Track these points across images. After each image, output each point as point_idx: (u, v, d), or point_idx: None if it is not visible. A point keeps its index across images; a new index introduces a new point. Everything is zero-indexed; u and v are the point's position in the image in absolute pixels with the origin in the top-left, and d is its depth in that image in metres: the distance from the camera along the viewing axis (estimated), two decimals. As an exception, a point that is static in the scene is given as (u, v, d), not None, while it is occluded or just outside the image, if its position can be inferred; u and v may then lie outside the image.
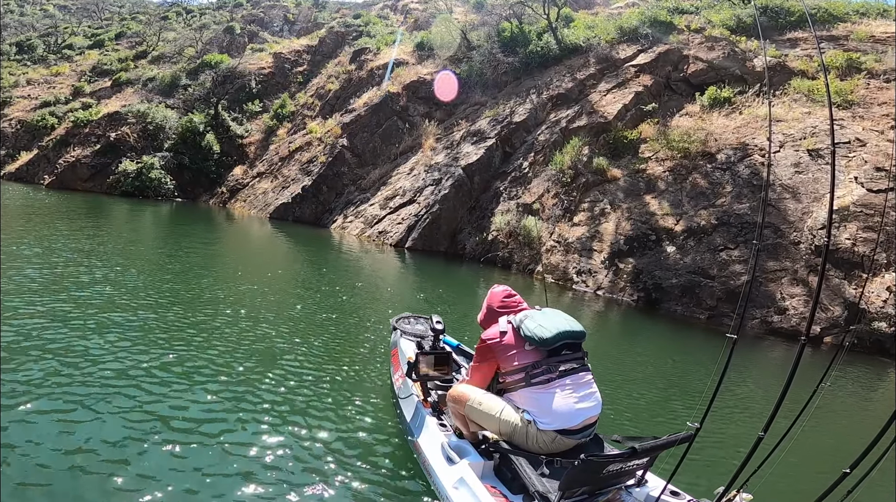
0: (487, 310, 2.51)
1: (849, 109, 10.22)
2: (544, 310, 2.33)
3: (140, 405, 2.83)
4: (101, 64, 24.47)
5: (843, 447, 3.72)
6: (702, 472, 2.90)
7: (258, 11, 30.79)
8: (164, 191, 15.54)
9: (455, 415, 2.43)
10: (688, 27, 14.77)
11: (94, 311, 4.24)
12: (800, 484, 2.87)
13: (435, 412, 2.66)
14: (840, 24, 13.73)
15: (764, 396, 4.75)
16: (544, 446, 2.14)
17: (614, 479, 2.01)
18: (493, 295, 2.53)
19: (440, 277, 9.22)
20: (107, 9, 39.68)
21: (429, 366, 2.76)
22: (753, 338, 7.29)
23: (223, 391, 3.15)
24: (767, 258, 8.10)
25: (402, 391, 2.96)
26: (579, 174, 11.06)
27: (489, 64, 15.88)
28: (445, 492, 2.13)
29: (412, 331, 3.44)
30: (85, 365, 3.20)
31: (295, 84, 20.51)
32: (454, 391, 2.40)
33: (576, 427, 2.14)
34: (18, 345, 3.32)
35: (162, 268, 6.53)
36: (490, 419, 2.23)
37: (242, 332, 4.27)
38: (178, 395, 3.01)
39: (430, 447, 2.42)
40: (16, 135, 18.87)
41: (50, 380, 2.91)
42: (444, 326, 3.15)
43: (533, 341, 2.18)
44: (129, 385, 3.03)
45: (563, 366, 2.19)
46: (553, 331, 2.18)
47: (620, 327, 7.35)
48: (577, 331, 2.25)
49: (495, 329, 2.32)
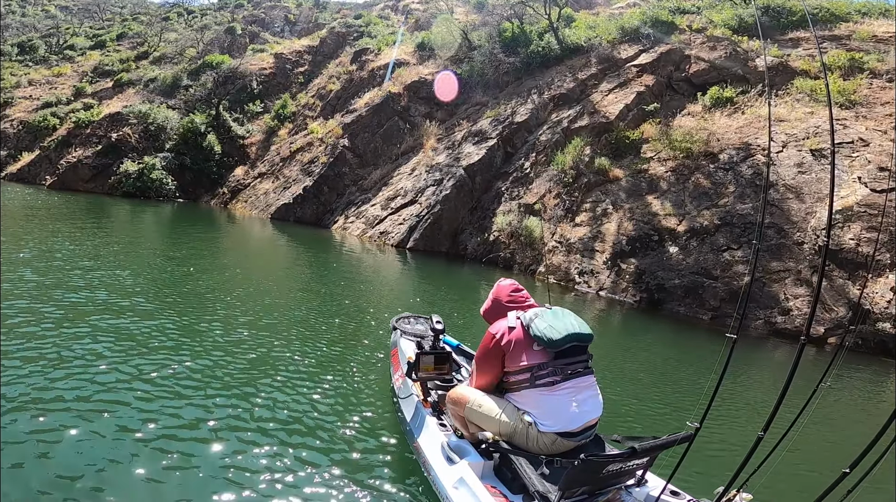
0: (494, 303, 2.48)
1: (852, 109, 10.18)
2: (554, 310, 2.31)
3: (139, 405, 2.81)
4: (103, 64, 24.51)
5: (843, 447, 3.72)
6: (702, 472, 2.90)
7: (259, 12, 30.82)
8: (165, 191, 15.54)
9: (454, 417, 2.43)
10: (689, 27, 14.74)
11: (92, 314, 4.22)
12: (799, 484, 2.88)
13: (435, 412, 2.66)
14: (842, 23, 13.69)
15: (764, 396, 4.73)
16: (544, 447, 2.14)
17: (614, 479, 2.01)
18: (501, 288, 2.50)
19: (442, 278, 9.21)
20: (108, 9, 39.74)
21: (429, 365, 2.75)
22: (757, 338, 7.26)
23: (223, 391, 3.14)
24: (771, 259, 8.07)
25: (401, 391, 2.95)
26: (581, 174, 11.04)
27: (490, 64, 15.86)
28: (445, 492, 2.12)
29: (412, 331, 3.44)
30: (80, 369, 3.18)
31: (296, 84, 20.52)
32: (453, 393, 2.40)
33: (577, 429, 2.14)
34: (14, 351, 3.30)
35: (162, 270, 6.52)
36: (490, 421, 2.23)
37: (243, 334, 4.26)
38: (178, 395, 2.99)
39: (430, 447, 2.42)
40: (17, 136, 18.89)
41: (46, 386, 2.88)
42: (444, 326, 3.14)
43: (542, 341, 2.16)
44: (128, 387, 3.01)
45: (569, 368, 2.17)
46: (563, 333, 2.15)
47: (622, 327, 7.33)
48: (586, 333, 2.23)
49: (503, 323, 2.29)
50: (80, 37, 30.49)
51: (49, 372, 3.04)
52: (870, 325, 7.02)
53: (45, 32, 31.58)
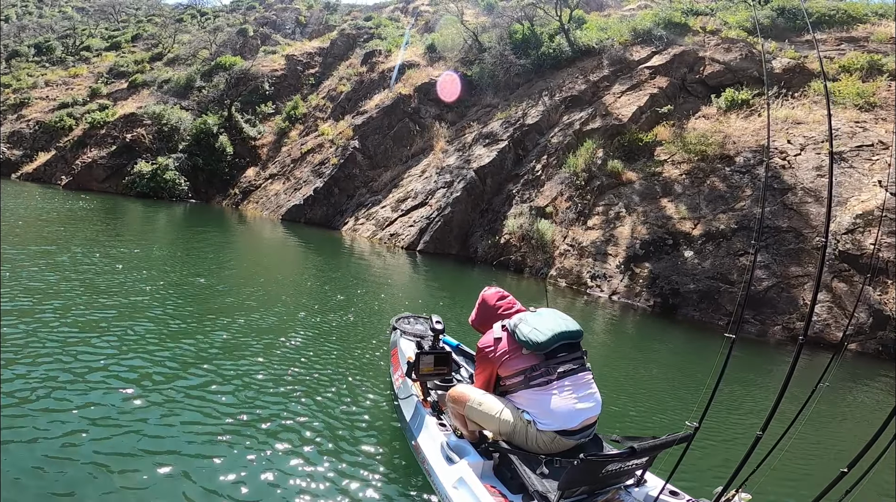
0: (480, 313, 2.50)
1: (871, 111, 10.00)
2: (539, 311, 2.31)
3: (139, 403, 2.82)
4: (118, 65, 24.83)
5: (841, 446, 3.68)
6: (701, 472, 2.89)
7: (270, 14, 31.08)
8: (178, 192, 15.69)
9: (455, 416, 2.43)
10: (703, 29, 14.59)
11: (109, 313, 4.25)
12: (798, 484, 2.87)
13: (435, 412, 2.67)
14: (860, 25, 13.48)
15: (765, 396, 4.68)
16: (544, 446, 2.14)
17: (613, 479, 2.02)
18: (486, 297, 2.52)
19: (452, 281, 9.17)
20: (123, 11, 40.33)
21: (428, 365, 2.76)
22: (776, 344, 7.14)
23: (223, 391, 3.14)
24: (790, 263, 7.94)
25: (401, 391, 2.97)
26: (593, 177, 10.95)
27: (501, 66, 15.83)
28: (445, 492, 2.13)
29: (412, 331, 3.45)
30: (85, 369, 3.19)
31: (307, 86, 20.64)
32: (454, 392, 2.40)
33: (575, 427, 2.14)
34: (21, 349, 3.32)
35: (173, 269, 6.55)
36: (489, 419, 2.23)
37: (247, 334, 4.26)
38: (178, 394, 3.00)
39: (429, 447, 2.43)
40: (34, 136, 19.17)
41: (48, 387, 2.88)
42: (444, 326, 3.14)
43: (528, 346, 2.17)
44: (129, 387, 3.02)
45: (562, 367, 2.18)
46: (548, 334, 2.16)
47: (634, 332, 7.24)
48: (573, 330, 2.23)
49: (490, 336, 2.32)
50: (96, 38, 30.93)
51: (53, 370, 3.06)
52: (891, 331, 6.87)
53: (61, 33, 32.08)
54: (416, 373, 2.74)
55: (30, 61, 27.43)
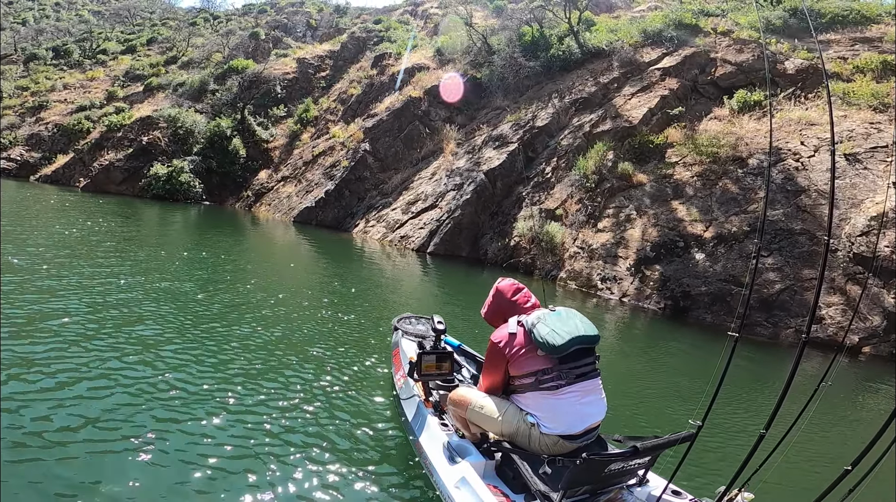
0: (494, 305, 2.41)
1: (885, 112, 9.90)
2: (558, 310, 2.23)
3: (139, 403, 2.88)
4: (134, 69, 25.27)
5: (846, 447, 3.66)
6: (703, 471, 2.89)
7: (281, 17, 31.43)
8: (192, 194, 15.96)
9: (456, 418, 2.43)
10: (714, 30, 14.51)
11: (114, 314, 4.39)
12: (801, 483, 2.86)
13: (436, 412, 2.68)
14: (873, 25, 13.33)
15: (769, 396, 4.68)
16: (546, 448, 2.13)
17: (616, 478, 2.01)
18: (500, 289, 2.41)
19: (462, 282, 9.25)
20: (138, 14, 41.01)
21: (430, 365, 2.76)
22: (788, 347, 7.11)
23: (224, 390, 3.19)
24: (803, 266, 7.90)
25: (403, 391, 2.98)
26: (604, 179, 10.96)
27: (510, 68, 15.87)
28: (447, 492, 2.13)
29: (413, 332, 3.48)
30: (89, 370, 3.27)
31: (318, 89, 20.85)
32: (455, 395, 2.39)
33: (579, 432, 2.13)
34: (24, 352, 3.39)
35: (186, 271, 6.71)
36: (491, 422, 2.22)
37: (252, 334, 4.33)
38: (177, 393, 3.04)
39: (431, 446, 2.43)
40: (52, 139, 19.61)
41: (51, 388, 2.91)
42: (446, 326, 3.15)
43: (545, 348, 2.09)
44: (128, 387, 3.05)
45: (574, 372, 2.13)
46: (566, 337, 2.08)
47: (643, 334, 7.25)
48: (591, 335, 2.16)
49: (504, 330, 2.23)
50: (112, 41, 31.48)
51: (55, 370, 3.17)
52: (907, 337, 6.81)
53: (78, 37, 32.69)
54: (418, 373, 2.73)
55: (48, 64, 28.00)
